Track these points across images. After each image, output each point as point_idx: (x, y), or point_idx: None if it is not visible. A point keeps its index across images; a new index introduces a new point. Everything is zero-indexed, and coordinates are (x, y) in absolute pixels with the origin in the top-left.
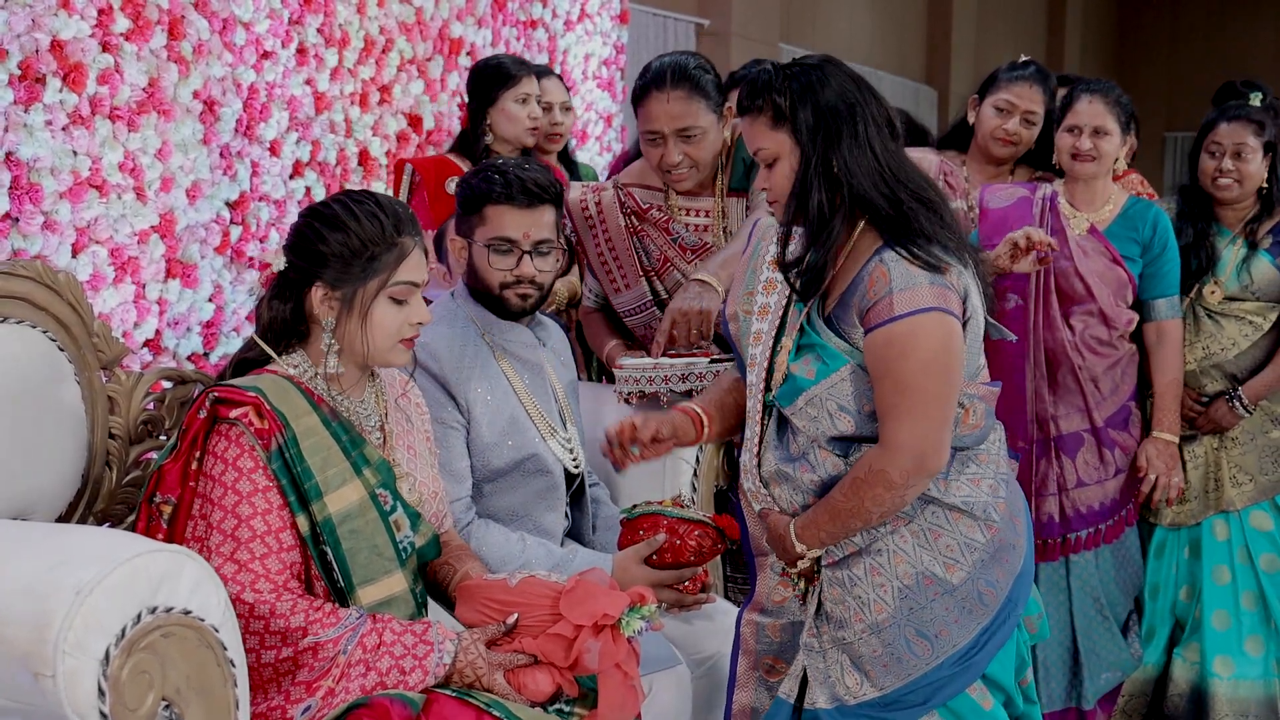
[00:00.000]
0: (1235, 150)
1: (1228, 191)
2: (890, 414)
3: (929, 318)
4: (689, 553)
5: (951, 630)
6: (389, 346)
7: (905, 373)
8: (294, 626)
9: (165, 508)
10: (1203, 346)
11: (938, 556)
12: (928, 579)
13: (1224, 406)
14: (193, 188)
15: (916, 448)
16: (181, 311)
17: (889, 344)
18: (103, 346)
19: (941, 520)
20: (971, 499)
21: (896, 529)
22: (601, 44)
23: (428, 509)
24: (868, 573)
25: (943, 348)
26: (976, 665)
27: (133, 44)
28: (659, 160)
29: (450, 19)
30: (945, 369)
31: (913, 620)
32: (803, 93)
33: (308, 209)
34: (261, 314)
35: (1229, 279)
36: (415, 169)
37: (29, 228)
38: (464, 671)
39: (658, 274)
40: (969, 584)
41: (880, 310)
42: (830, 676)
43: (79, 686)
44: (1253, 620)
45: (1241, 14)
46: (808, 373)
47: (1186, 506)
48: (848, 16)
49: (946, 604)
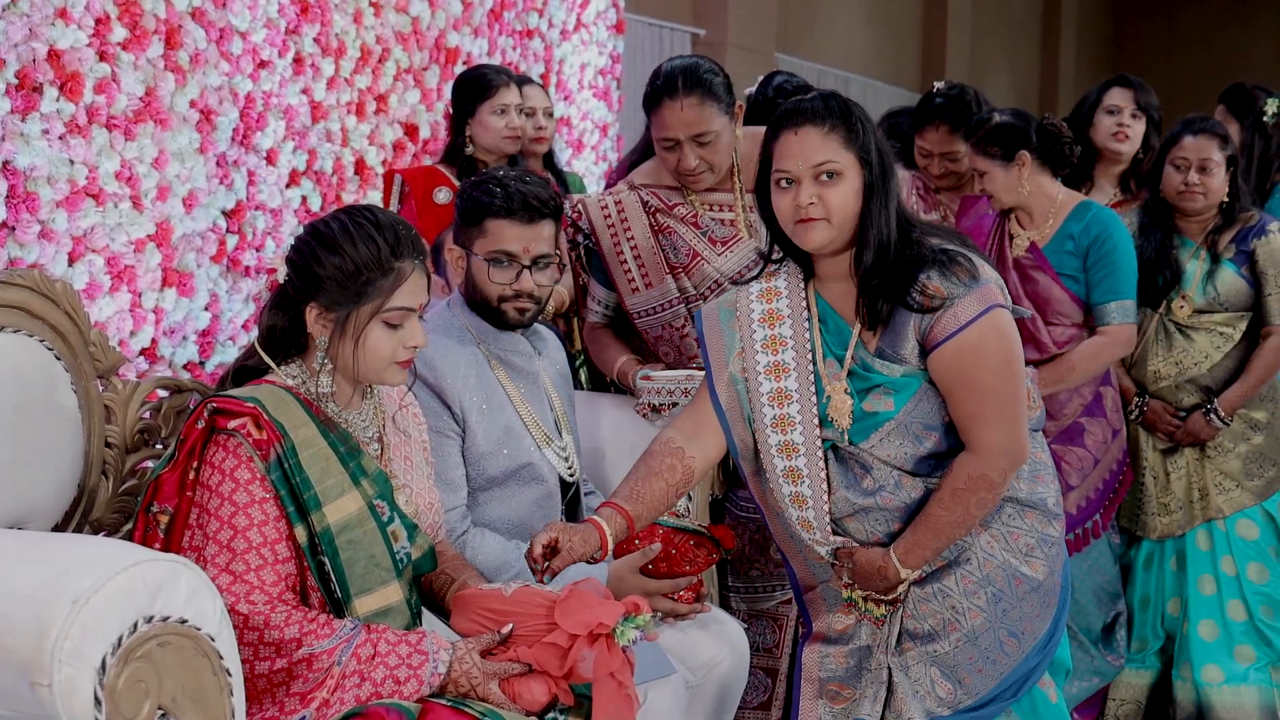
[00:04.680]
0: (1201, 164)
1: (1192, 203)
2: (975, 421)
3: (989, 319)
4: (684, 562)
5: (1034, 624)
6: (382, 369)
7: (981, 379)
8: (288, 638)
9: (162, 517)
10: (1175, 362)
11: (1020, 556)
12: (1017, 579)
13: (1201, 420)
14: (189, 197)
15: (1007, 446)
16: (178, 320)
17: (960, 355)
18: (99, 355)
19: (1016, 520)
20: (1037, 494)
21: (979, 535)
22: (598, 54)
23: (424, 520)
24: (959, 582)
25: (1007, 344)
26: (1052, 650)
27: (130, 53)
28: (675, 165)
29: (446, 29)
30: (1014, 364)
31: (1005, 621)
32: (866, 122)
33: (310, 226)
34: (262, 321)
35: (1196, 292)
36: (404, 179)
37: (25, 236)
38: (459, 681)
39: (685, 270)
40: (1050, 577)
41: (945, 324)
42: (919, 691)
43: (75, 695)
44: (1241, 630)
45: (1237, 25)
46: (885, 405)
47: (1172, 518)
48: (844, 27)
49: (1033, 600)
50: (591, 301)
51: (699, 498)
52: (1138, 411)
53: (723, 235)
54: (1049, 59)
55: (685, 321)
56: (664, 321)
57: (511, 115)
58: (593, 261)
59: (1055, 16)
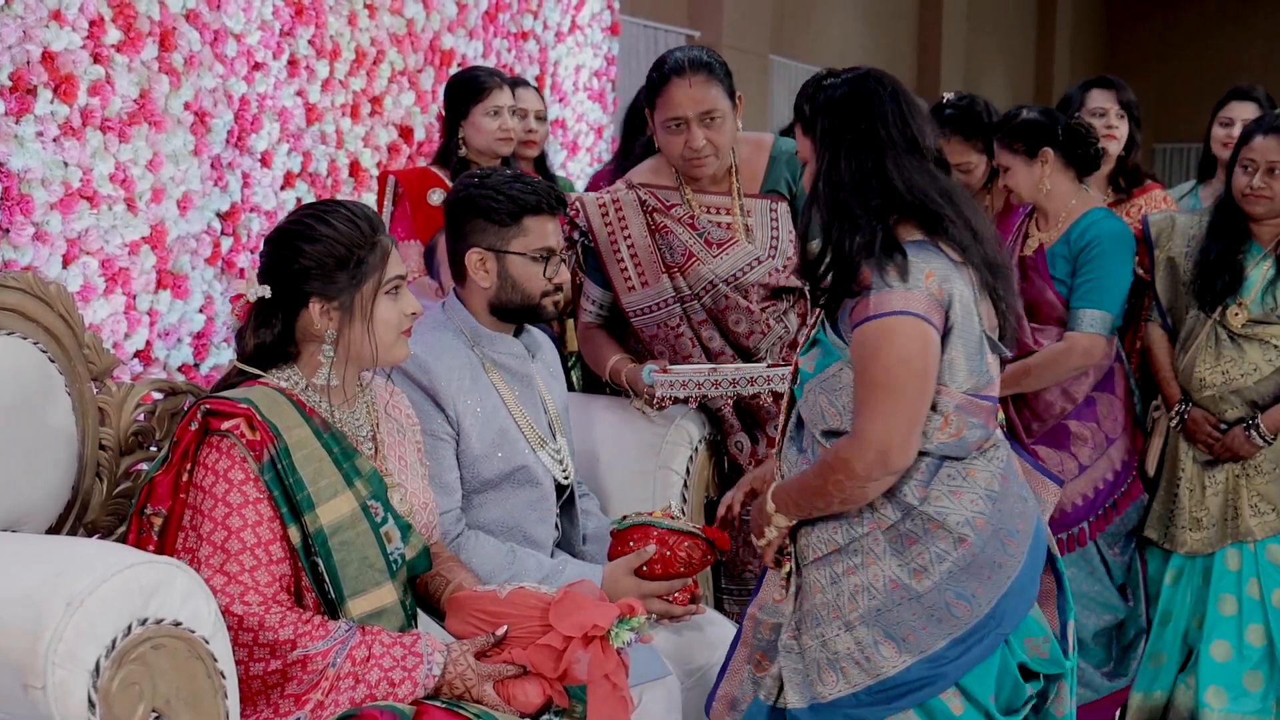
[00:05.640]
0: (1269, 166)
1: (1256, 207)
2: (861, 408)
3: (901, 320)
4: (679, 564)
5: (919, 636)
6: (392, 343)
7: (875, 370)
8: (283, 639)
9: (156, 519)
10: (1223, 371)
11: (907, 564)
12: (893, 583)
13: (1241, 435)
14: (184, 199)
15: (881, 443)
16: (172, 322)
17: (863, 343)
18: (93, 358)
19: (918, 529)
20: (946, 511)
21: (873, 532)
22: (593, 56)
23: (418, 520)
24: (845, 572)
25: (912, 352)
26: (947, 674)
27: (124, 55)
28: (681, 147)
29: (441, 31)
30: (913, 372)
31: (880, 621)
32: (824, 102)
33: (273, 234)
34: (246, 343)
35: (1254, 301)
36: (398, 180)
37: (19, 239)
38: (453, 683)
39: (680, 270)
40: (935, 593)
41: (860, 310)
42: (809, 676)
43: (69, 698)
44: (1256, 655)
45: (1231, 26)
46: (809, 365)
47: (1204, 534)
48: (839, 28)
49: (914, 609)
50: (586, 301)
51: (694, 499)
52: (1178, 419)
53: (719, 238)
54: (1044, 60)
55: (680, 321)
56: (659, 321)
57: (504, 117)
58: (589, 260)
59: (1050, 17)
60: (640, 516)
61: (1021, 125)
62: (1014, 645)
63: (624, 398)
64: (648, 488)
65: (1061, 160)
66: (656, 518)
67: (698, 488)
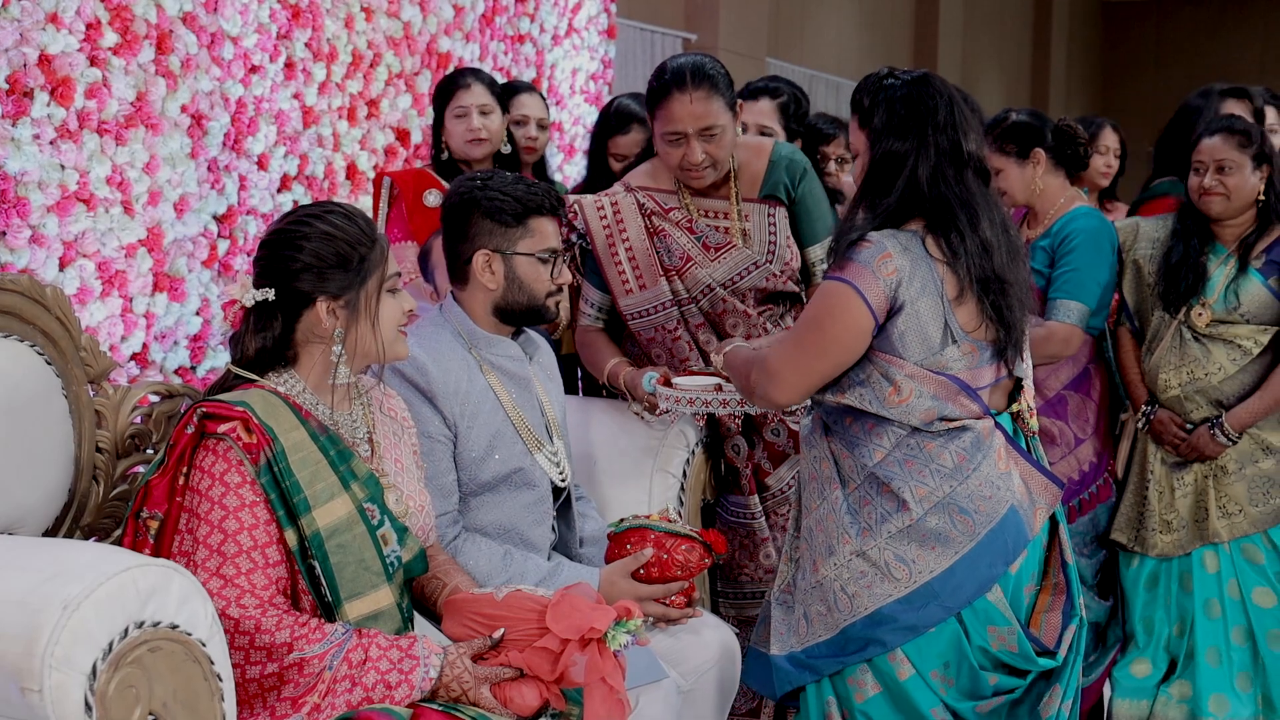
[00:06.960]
0: (1218, 165)
1: (1213, 206)
2: (782, 338)
3: (840, 287)
4: (676, 567)
5: (863, 594)
6: (393, 339)
7: (804, 317)
8: (279, 642)
9: (152, 523)
10: (1188, 371)
11: (857, 520)
12: (845, 538)
13: (1206, 435)
14: (180, 201)
15: (774, 370)
16: (169, 325)
17: (815, 292)
18: (90, 360)
19: (873, 492)
20: (892, 475)
21: (834, 490)
22: (589, 59)
23: (414, 522)
24: (813, 530)
25: (829, 314)
26: (885, 637)
27: (121, 58)
28: (680, 160)
29: (438, 33)
30: (820, 325)
31: (839, 576)
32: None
33: (267, 238)
34: (245, 348)
35: (1216, 300)
36: (394, 182)
37: (16, 241)
38: (450, 686)
39: (679, 273)
40: (875, 551)
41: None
42: (791, 624)
43: (66, 701)
44: (1242, 656)
45: (1226, 30)
46: None
47: (1174, 536)
48: (835, 31)
49: (862, 567)
50: (584, 304)
51: (690, 503)
52: (1145, 421)
53: (716, 242)
54: (1039, 64)
55: (678, 324)
56: (657, 324)
57: (471, 117)
58: (587, 263)
59: (1046, 21)
60: (637, 519)
61: (1013, 127)
62: (971, 628)
63: (621, 401)
64: (645, 490)
65: (1052, 161)
66: (654, 521)
67: (695, 491)
